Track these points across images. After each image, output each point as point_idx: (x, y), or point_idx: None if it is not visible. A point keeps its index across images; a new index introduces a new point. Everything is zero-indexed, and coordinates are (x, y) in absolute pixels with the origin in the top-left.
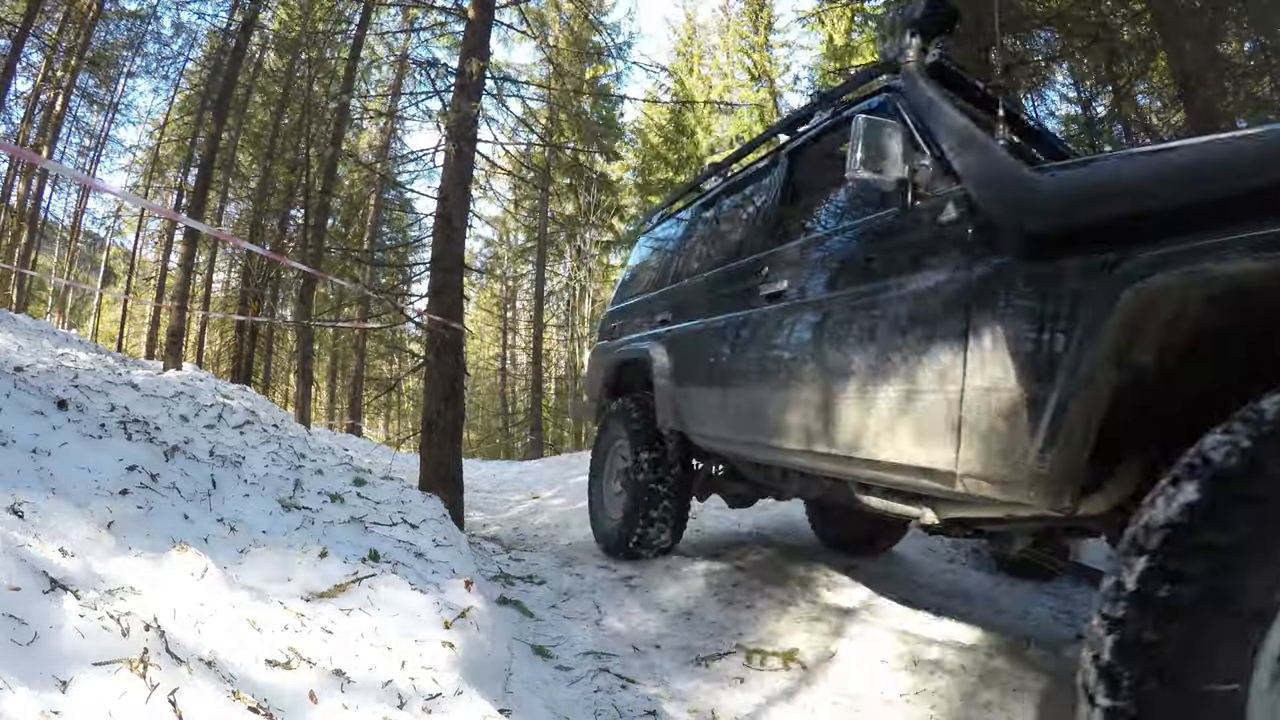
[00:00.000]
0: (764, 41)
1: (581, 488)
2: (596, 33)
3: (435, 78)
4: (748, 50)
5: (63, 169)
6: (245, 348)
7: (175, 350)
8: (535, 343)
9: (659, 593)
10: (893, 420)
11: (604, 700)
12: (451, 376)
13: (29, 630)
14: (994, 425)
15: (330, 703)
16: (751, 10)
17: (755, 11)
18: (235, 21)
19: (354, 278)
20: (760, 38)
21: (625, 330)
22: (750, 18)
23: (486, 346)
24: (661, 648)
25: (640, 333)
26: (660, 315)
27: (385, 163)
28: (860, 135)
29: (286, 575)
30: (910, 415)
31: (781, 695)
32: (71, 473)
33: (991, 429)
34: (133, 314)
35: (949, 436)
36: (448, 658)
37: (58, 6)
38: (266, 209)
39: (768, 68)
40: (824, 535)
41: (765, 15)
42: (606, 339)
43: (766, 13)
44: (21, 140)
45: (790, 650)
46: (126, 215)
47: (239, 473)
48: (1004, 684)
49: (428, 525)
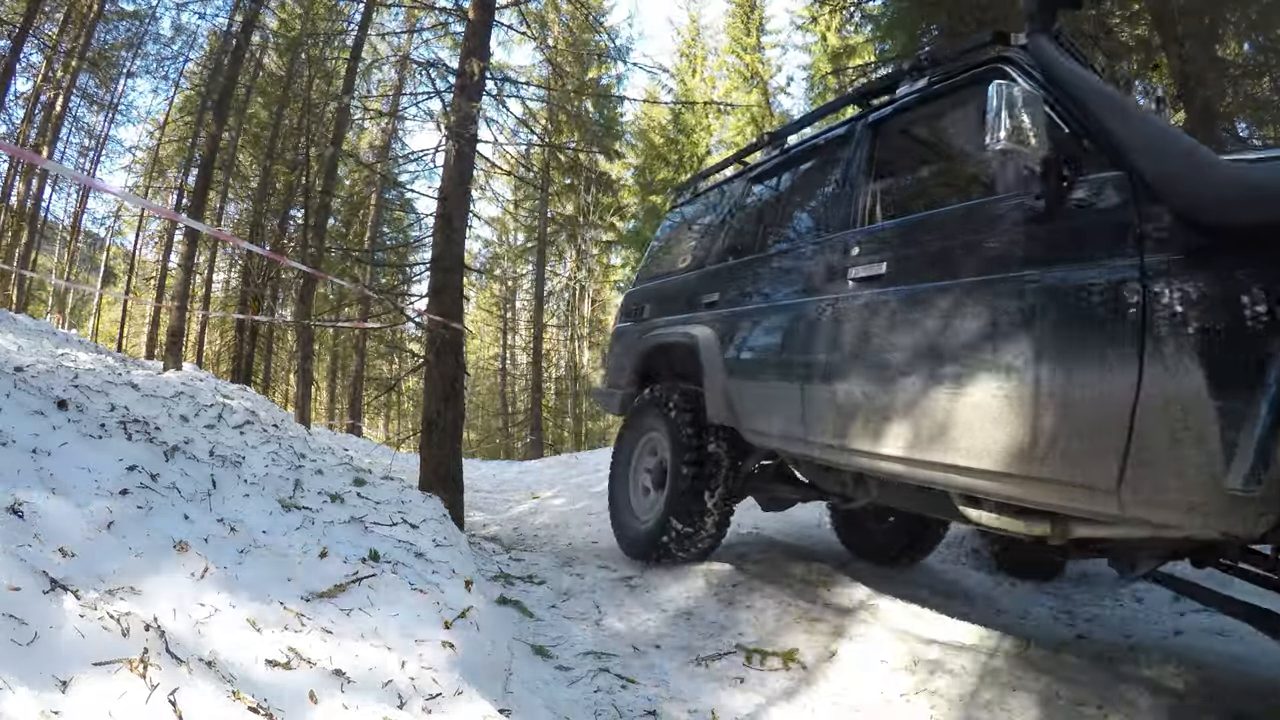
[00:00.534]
0: (756, 44)
1: (581, 488)
2: (596, 33)
3: (436, 78)
4: (740, 53)
5: (62, 169)
6: (245, 348)
7: (175, 350)
8: (535, 343)
9: (659, 593)
10: (1034, 430)
11: (604, 700)
12: (451, 376)
13: (29, 630)
14: (1176, 441)
15: (330, 703)
16: (743, 13)
17: (746, 14)
18: (235, 22)
19: (354, 278)
20: (752, 39)
21: (658, 311)
22: (741, 20)
23: (486, 346)
24: (661, 648)
25: (679, 315)
26: (706, 296)
27: (385, 163)
28: (1002, 105)
29: (286, 575)
30: (1060, 425)
31: (781, 695)
32: (71, 473)
33: (1173, 445)
34: (133, 314)
35: (1113, 452)
36: (448, 658)
37: (58, 7)
38: (266, 209)
39: (760, 69)
40: (852, 544)
41: (756, 17)
42: (631, 320)
43: (758, 14)
44: (21, 140)
45: (790, 650)
46: (126, 215)
47: (239, 473)
48: (1004, 684)
49: (428, 525)
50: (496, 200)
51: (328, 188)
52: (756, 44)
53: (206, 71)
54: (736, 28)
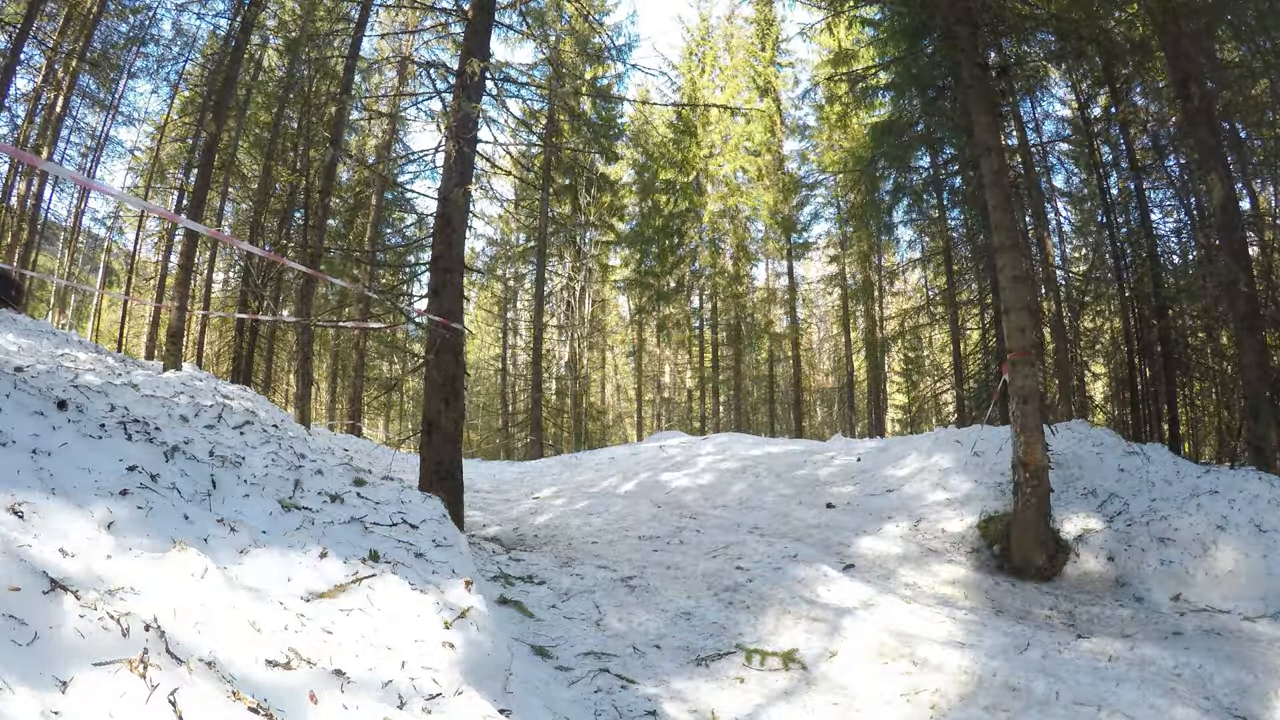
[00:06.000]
0: (771, 59)
1: (581, 488)
2: (597, 34)
3: (436, 79)
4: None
5: (62, 170)
6: (245, 348)
7: (175, 350)
8: (535, 343)
9: (659, 593)
10: None
11: (604, 700)
12: (451, 376)
13: (29, 630)
14: None
15: (330, 703)
16: (760, 30)
17: (764, 30)
18: (236, 22)
19: (354, 278)
20: (768, 54)
21: None
22: (758, 36)
23: (486, 346)
24: (661, 648)
25: None
26: None
27: (386, 163)
28: None
29: (286, 575)
30: None
31: (781, 695)
32: (71, 473)
33: None
34: (133, 314)
35: None
36: (448, 658)
37: (59, 8)
38: (266, 209)
39: (774, 82)
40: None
41: (774, 33)
42: None
43: (775, 30)
44: (23, 141)
45: (790, 650)
46: (127, 215)
47: (239, 473)
48: (1004, 684)
49: (428, 525)
50: (496, 200)
51: (327, 188)
52: (772, 59)
53: (206, 72)
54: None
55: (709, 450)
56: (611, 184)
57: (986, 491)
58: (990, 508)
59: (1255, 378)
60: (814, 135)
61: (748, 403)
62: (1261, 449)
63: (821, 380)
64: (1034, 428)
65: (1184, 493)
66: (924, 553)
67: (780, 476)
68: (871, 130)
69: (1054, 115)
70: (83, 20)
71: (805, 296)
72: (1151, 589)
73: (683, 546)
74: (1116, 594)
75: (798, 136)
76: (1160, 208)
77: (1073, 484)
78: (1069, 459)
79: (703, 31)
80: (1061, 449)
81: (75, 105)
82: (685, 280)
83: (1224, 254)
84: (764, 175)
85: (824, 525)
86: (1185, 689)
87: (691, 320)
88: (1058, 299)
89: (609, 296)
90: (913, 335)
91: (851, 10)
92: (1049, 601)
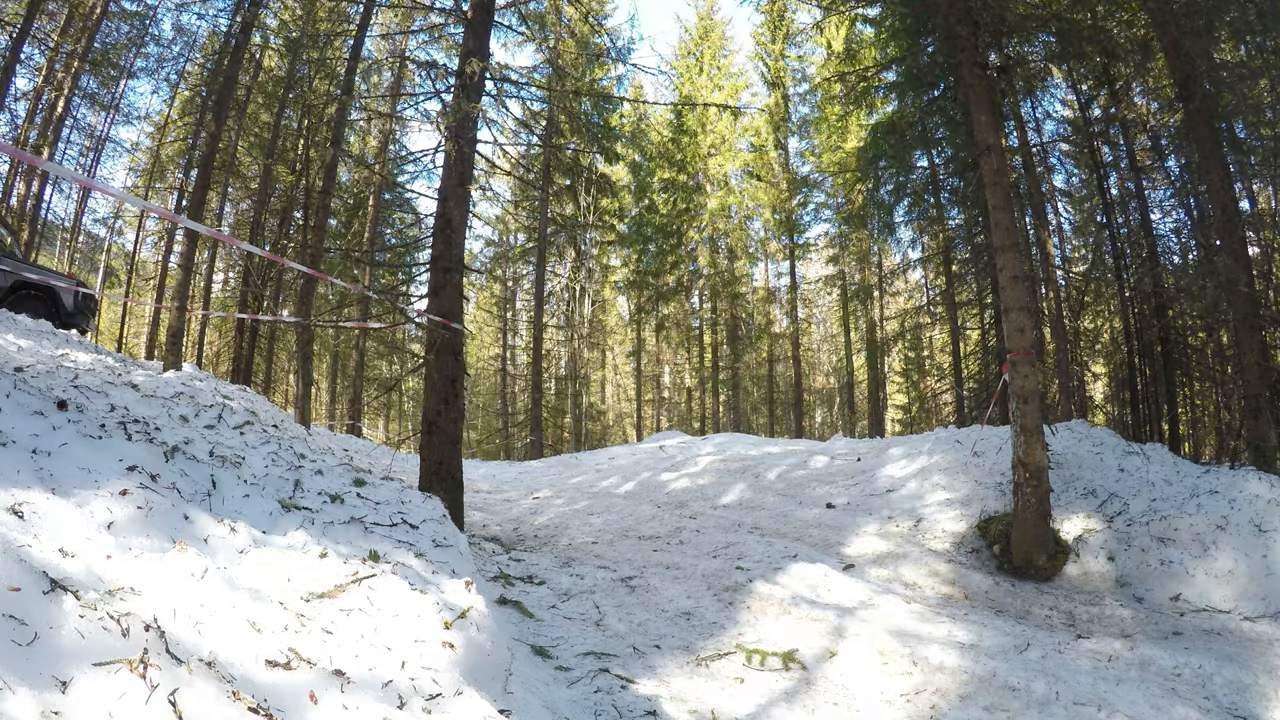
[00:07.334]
0: (781, 51)
1: (581, 488)
2: (598, 34)
3: (435, 79)
4: (764, 59)
5: (62, 170)
6: (245, 348)
7: (175, 350)
8: (535, 343)
9: (659, 593)
10: None
11: (604, 700)
12: (451, 376)
13: (29, 630)
14: None
15: (330, 703)
16: (771, 22)
17: (775, 23)
18: (236, 22)
19: (354, 278)
20: (778, 47)
21: None
22: (769, 28)
23: (486, 346)
24: (661, 648)
25: None
26: None
27: (385, 163)
28: None
29: (286, 575)
30: None
31: (781, 695)
32: (72, 473)
33: None
34: (133, 314)
35: None
36: (448, 658)
37: (60, 8)
38: (266, 209)
39: (782, 75)
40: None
41: (785, 26)
42: None
43: (786, 24)
44: (23, 140)
45: (790, 650)
46: (127, 215)
47: (239, 473)
48: (1005, 684)
49: (428, 525)
50: (496, 200)
51: (327, 188)
52: (781, 51)
53: (206, 72)
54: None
55: (709, 450)
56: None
57: (986, 491)
58: (990, 508)
59: (1255, 378)
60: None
61: (747, 403)
62: (1261, 449)
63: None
64: (1034, 428)
65: (1184, 493)
66: (924, 553)
67: (780, 476)
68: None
69: (1054, 115)
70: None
71: (805, 296)
72: (1151, 589)
73: (683, 546)
74: (1116, 594)
75: (799, 136)
76: (1160, 208)
77: (1073, 484)
78: (1069, 459)
79: (701, 31)
80: (1061, 449)
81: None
82: (685, 280)
83: (1224, 254)
84: (765, 174)
85: (824, 525)
86: (1185, 689)
87: (691, 320)
88: (1058, 299)
89: (609, 296)
90: (913, 335)
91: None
92: (1049, 601)
